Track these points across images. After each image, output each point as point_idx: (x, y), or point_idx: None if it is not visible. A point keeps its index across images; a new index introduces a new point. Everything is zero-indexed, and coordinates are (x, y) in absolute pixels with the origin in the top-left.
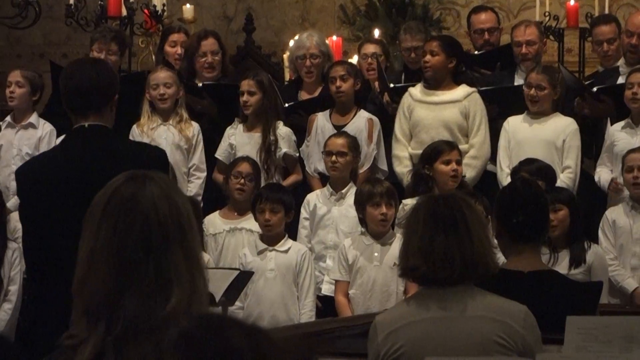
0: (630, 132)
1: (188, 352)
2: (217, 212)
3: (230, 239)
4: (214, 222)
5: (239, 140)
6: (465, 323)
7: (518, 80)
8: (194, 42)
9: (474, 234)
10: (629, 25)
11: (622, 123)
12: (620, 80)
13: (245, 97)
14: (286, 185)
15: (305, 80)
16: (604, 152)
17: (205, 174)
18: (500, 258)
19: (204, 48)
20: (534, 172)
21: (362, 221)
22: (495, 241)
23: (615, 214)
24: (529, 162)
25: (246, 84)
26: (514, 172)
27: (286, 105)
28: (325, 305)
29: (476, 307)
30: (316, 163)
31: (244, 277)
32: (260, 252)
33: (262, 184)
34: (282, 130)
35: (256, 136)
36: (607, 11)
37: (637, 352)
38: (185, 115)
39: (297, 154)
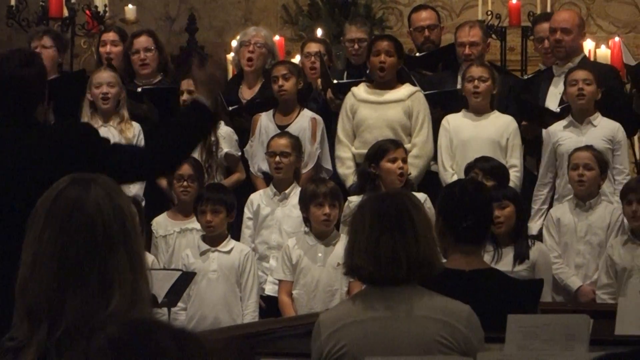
0: (575, 130)
1: (116, 358)
2: (166, 213)
3: (181, 240)
4: (164, 223)
5: None
6: (408, 323)
7: (461, 81)
8: (128, 41)
9: (420, 233)
10: (551, 23)
11: (563, 122)
12: (555, 80)
13: (185, 97)
14: (229, 184)
15: (245, 69)
16: (545, 160)
17: None
18: None
19: (137, 45)
20: (488, 170)
21: (307, 221)
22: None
23: (560, 212)
24: (484, 160)
25: (186, 84)
26: (468, 169)
27: (230, 109)
28: (269, 305)
29: (420, 307)
30: (260, 163)
31: (186, 278)
32: (202, 253)
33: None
34: (223, 130)
35: None
36: (549, 9)
37: (578, 350)
38: (126, 115)
39: (239, 153)
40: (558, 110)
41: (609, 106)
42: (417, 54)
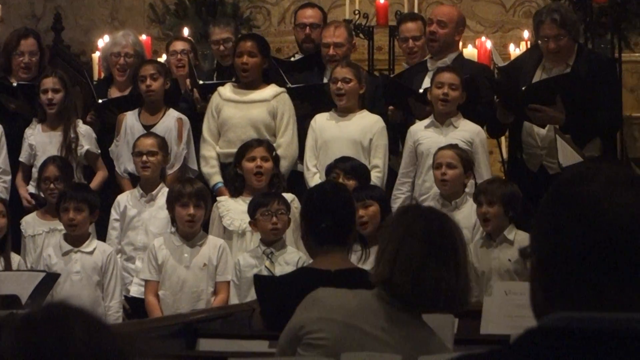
0: (436, 130)
1: (25, 335)
2: (35, 212)
3: (50, 240)
4: (32, 223)
5: (39, 140)
6: (387, 354)
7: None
8: (13, 39)
9: (461, 268)
10: (430, 14)
11: (425, 122)
12: (430, 74)
13: (50, 95)
14: (96, 185)
15: (117, 78)
16: (405, 159)
17: (9, 177)
18: None
19: (23, 47)
20: (348, 170)
21: (174, 221)
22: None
23: None
24: (344, 160)
25: (50, 82)
26: (329, 170)
27: (100, 101)
28: (133, 307)
29: (409, 346)
30: (126, 163)
31: (50, 279)
32: (65, 254)
33: None
34: (82, 128)
35: (57, 135)
36: (416, 9)
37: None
38: None
39: (99, 151)
40: (421, 91)
41: (472, 100)
42: (293, 59)
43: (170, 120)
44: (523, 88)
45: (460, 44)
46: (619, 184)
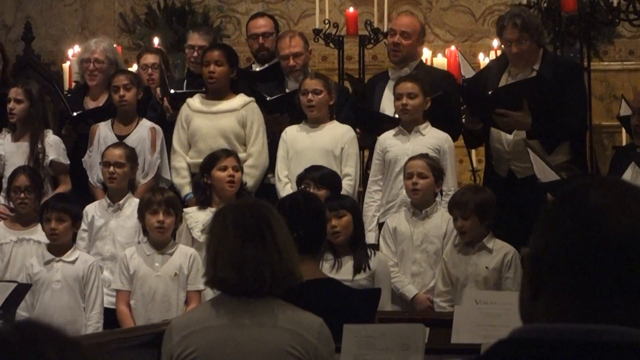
0: (403, 138)
1: None
2: (3, 222)
3: (18, 249)
4: (1, 232)
5: (8, 149)
6: (260, 332)
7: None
8: None
9: (281, 244)
10: (392, 24)
11: (393, 130)
12: (390, 83)
13: (11, 105)
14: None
15: (89, 83)
16: (374, 167)
17: None
18: None
19: None
20: (318, 179)
21: (145, 230)
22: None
23: (397, 221)
24: (314, 169)
25: (14, 92)
26: (300, 180)
27: (74, 114)
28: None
29: (274, 318)
30: (99, 173)
31: (21, 290)
32: (47, 263)
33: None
34: (51, 138)
35: (24, 145)
36: (386, 19)
37: (413, 359)
38: None
39: (68, 162)
40: (396, 116)
41: (444, 111)
42: (257, 69)
43: (143, 130)
44: (489, 93)
45: (424, 53)
46: (630, 197)
